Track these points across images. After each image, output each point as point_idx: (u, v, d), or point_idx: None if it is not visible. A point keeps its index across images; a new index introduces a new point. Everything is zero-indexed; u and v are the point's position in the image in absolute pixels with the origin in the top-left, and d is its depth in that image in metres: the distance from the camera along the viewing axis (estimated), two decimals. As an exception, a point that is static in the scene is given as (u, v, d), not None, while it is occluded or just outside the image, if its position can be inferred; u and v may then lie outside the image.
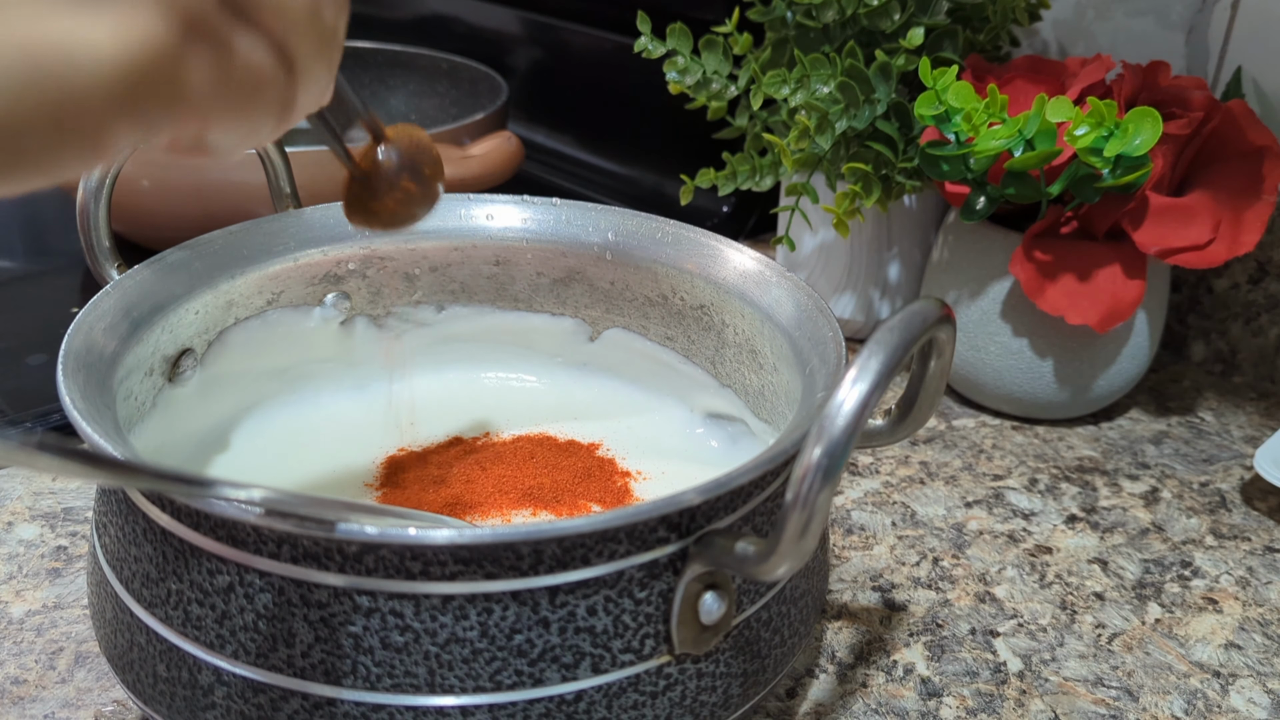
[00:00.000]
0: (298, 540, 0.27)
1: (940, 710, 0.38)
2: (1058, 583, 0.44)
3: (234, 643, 0.28)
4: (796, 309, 0.38)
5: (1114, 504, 0.49)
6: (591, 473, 0.41)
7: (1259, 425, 0.56)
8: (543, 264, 0.45)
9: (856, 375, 0.25)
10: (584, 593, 0.27)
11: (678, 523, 0.28)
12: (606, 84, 0.82)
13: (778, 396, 0.40)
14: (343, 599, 0.27)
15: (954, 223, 0.56)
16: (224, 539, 0.28)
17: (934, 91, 0.48)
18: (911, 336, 0.26)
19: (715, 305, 0.42)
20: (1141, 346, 0.53)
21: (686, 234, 0.43)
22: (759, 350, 0.40)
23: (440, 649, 0.27)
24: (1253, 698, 0.39)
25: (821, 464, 0.24)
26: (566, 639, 0.28)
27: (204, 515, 0.28)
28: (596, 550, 0.27)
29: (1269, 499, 0.50)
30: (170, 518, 0.29)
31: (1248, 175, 0.49)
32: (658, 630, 0.29)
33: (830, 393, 0.25)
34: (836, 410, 0.24)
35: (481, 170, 0.65)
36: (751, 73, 0.58)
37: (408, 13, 1.02)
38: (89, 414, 0.29)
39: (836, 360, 0.34)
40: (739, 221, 0.75)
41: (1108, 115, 0.46)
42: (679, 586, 0.28)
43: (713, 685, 0.30)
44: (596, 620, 0.28)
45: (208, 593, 0.28)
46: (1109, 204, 0.50)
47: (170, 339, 0.38)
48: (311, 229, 0.43)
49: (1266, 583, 0.45)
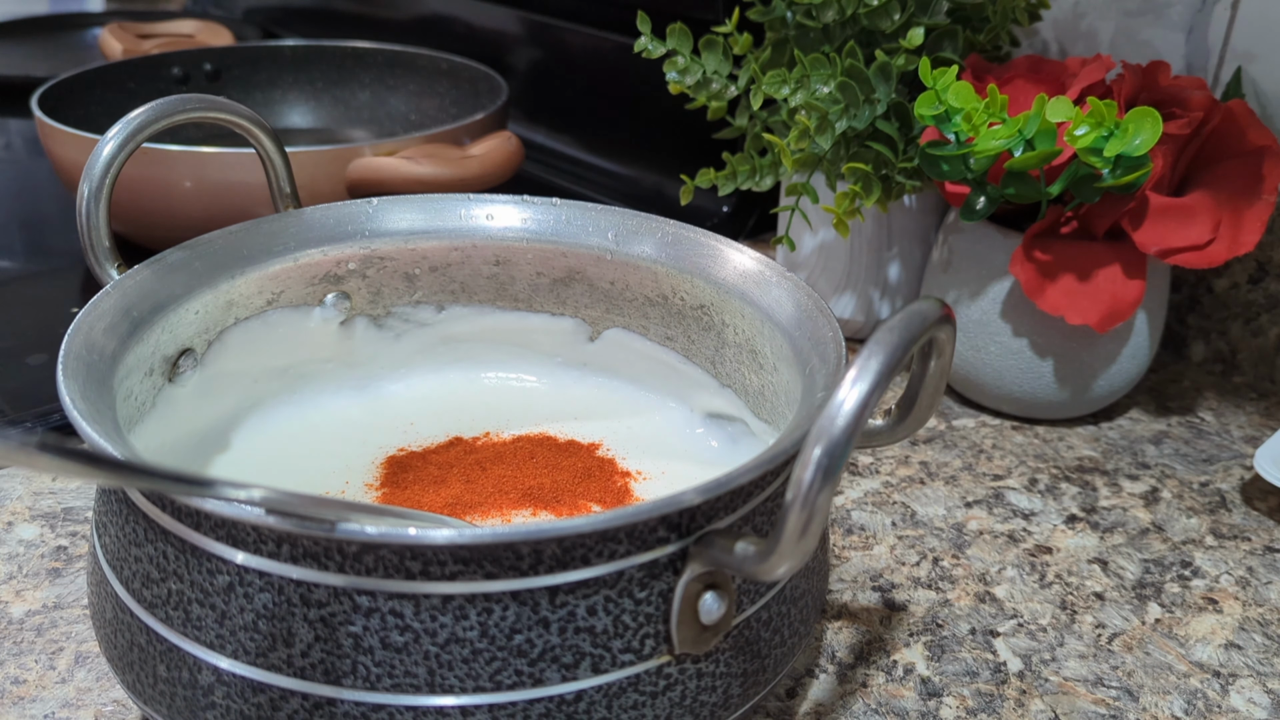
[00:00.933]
0: (298, 540, 0.27)
1: (940, 710, 0.38)
2: (1058, 583, 0.44)
3: (234, 642, 0.28)
4: (796, 309, 0.38)
5: (1114, 504, 0.49)
6: (591, 473, 0.41)
7: (1259, 425, 0.56)
8: (543, 264, 0.45)
9: (856, 375, 0.25)
10: (584, 593, 0.27)
11: (678, 523, 0.28)
12: (606, 84, 0.82)
13: (778, 396, 0.40)
14: (342, 599, 0.27)
15: (954, 223, 0.56)
16: (224, 538, 0.28)
17: (934, 91, 0.48)
18: (911, 336, 0.26)
19: (715, 305, 0.42)
20: (1141, 346, 0.53)
21: (687, 234, 0.43)
22: (759, 350, 0.40)
23: (440, 649, 0.27)
24: (1253, 698, 0.39)
25: (822, 464, 0.24)
26: (566, 639, 0.28)
27: (204, 515, 0.28)
28: (596, 550, 0.27)
29: (1269, 499, 0.50)
30: (170, 517, 0.29)
31: (1248, 175, 0.49)
32: (658, 630, 0.29)
33: (830, 393, 0.25)
34: (836, 410, 0.24)
35: (481, 170, 0.65)
36: (751, 73, 0.58)
37: (408, 13, 1.02)
38: (89, 414, 0.29)
39: (836, 360, 0.34)
40: (739, 221, 0.75)
41: (1108, 115, 0.46)
42: (679, 586, 0.28)
43: (713, 685, 0.30)
44: (596, 620, 0.28)
45: (208, 592, 0.28)
46: (1109, 204, 0.50)
47: (170, 339, 0.38)
48: (311, 229, 0.43)
49: (1266, 583, 0.45)
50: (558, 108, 0.89)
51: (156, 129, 0.38)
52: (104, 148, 0.38)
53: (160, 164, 0.62)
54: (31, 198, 0.81)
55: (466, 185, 0.64)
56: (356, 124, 0.88)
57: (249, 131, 0.42)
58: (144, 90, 0.83)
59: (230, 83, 0.87)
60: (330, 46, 0.89)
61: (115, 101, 0.80)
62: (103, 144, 0.38)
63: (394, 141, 0.65)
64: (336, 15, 1.12)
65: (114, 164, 0.38)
